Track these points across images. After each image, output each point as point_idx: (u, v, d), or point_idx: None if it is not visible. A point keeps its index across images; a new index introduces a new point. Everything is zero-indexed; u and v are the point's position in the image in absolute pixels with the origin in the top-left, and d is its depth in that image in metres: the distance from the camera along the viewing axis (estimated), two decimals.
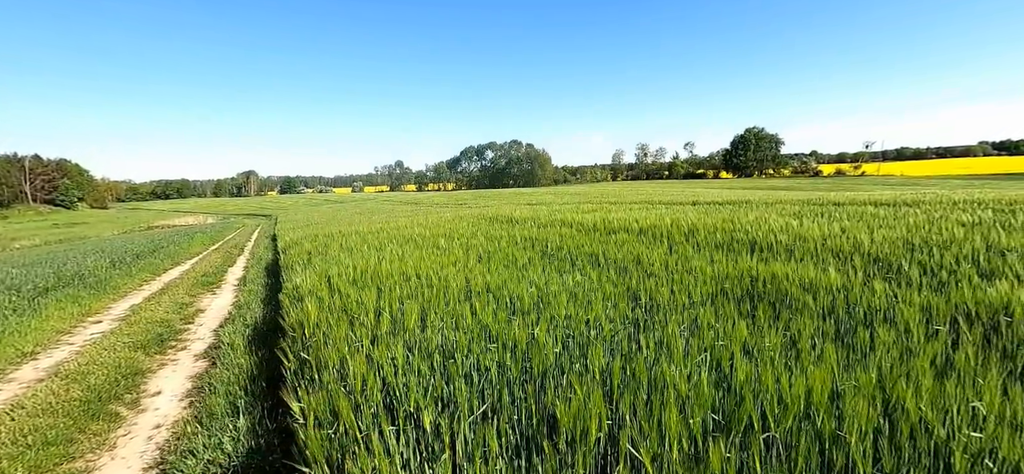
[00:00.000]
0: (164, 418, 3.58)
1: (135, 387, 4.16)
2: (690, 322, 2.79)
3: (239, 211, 55.82)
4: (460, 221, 10.82)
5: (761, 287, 3.45)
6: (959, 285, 3.07)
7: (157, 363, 4.80)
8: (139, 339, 5.47)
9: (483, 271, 4.34)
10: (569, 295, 3.34)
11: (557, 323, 2.75)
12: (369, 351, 2.44)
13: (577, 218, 9.33)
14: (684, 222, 6.90)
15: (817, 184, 55.51)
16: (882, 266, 3.92)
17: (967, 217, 5.62)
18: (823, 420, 1.57)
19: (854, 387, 1.71)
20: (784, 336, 2.43)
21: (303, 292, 4.00)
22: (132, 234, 28.27)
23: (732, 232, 5.86)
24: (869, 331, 2.43)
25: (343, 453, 1.70)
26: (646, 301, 3.28)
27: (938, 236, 4.55)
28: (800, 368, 1.97)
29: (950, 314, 2.64)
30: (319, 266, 5.23)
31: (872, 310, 2.82)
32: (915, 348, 2.17)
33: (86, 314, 6.83)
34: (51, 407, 3.68)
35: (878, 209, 8.24)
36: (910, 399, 1.57)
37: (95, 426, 3.44)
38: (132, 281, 9.50)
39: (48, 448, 3.09)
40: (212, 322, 6.31)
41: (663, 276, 3.87)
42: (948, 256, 3.73)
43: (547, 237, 6.65)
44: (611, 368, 2.02)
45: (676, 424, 1.55)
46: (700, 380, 1.80)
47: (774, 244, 5.01)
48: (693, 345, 2.26)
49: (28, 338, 5.45)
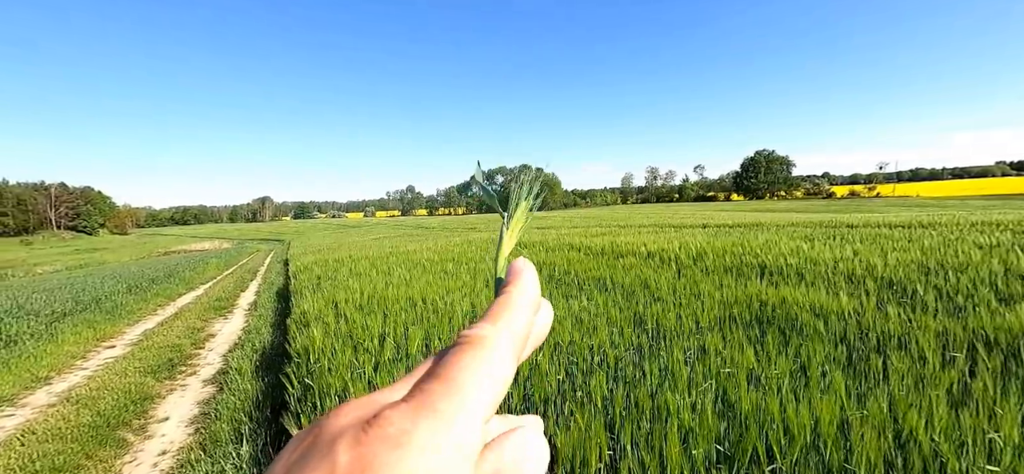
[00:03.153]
0: (170, 444, 3.58)
1: (143, 412, 4.19)
2: (696, 348, 2.74)
3: (254, 236, 56.87)
4: (469, 245, 10.87)
5: (770, 312, 3.39)
6: (977, 310, 2.98)
7: (166, 388, 4.84)
8: (150, 364, 5.53)
9: (490, 296, 4.33)
10: (574, 320, 3.32)
11: (561, 349, 2.72)
12: (371, 377, 2.44)
13: (585, 242, 9.31)
14: (693, 246, 6.85)
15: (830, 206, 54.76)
16: (896, 290, 3.83)
17: (984, 239, 5.48)
18: (831, 451, 1.51)
19: (863, 417, 1.66)
20: (794, 363, 2.37)
21: (310, 317, 4.03)
22: (149, 259, 28.91)
23: (742, 256, 5.79)
24: (882, 358, 2.36)
25: None
26: (652, 327, 3.24)
27: (954, 259, 4.44)
28: (808, 397, 1.92)
29: (968, 340, 2.55)
30: (327, 291, 5.27)
31: (886, 336, 2.74)
32: (930, 376, 2.10)
33: (101, 339, 6.95)
34: (61, 432, 3.72)
35: (892, 231, 8.09)
36: (922, 430, 1.51)
37: (102, 452, 3.46)
38: (147, 306, 9.67)
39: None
40: (222, 347, 6.37)
41: (670, 301, 3.83)
42: (965, 280, 3.63)
43: (554, 261, 6.64)
44: (614, 396, 1.98)
45: (678, 455, 1.51)
46: (704, 409, 1.76)
47: (784, 268, 4.93)
48: (698, 372, 2.21)
49: (43, 363, 5.54)
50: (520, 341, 0.22)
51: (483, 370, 0.19)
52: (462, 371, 0.19)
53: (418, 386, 0.19)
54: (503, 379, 0.20)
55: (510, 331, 0.22)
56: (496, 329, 0.21)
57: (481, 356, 0.20)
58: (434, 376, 0.19)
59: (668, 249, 6.82)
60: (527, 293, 0.24)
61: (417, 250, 10.21)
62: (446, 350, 0.21)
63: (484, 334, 0.21)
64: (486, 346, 0.20)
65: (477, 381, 0.19)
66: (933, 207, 32.76)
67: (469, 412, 0.18)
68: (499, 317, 0.22)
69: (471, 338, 0.21)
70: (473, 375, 0.19)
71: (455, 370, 0.19)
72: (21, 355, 5.68)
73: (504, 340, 0.21)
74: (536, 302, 0.24)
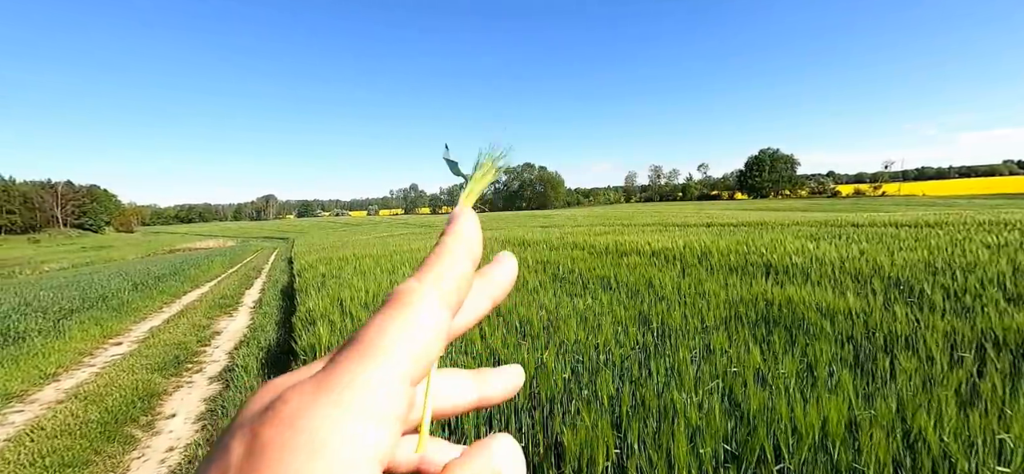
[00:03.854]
0: (177, 441, 3.61)
1: (151, 409, 4.22)
2: (702, 347, 2.73)
3: (258, 234, 57.13)
4: None
5: (776, 311, 3.38)
6: (985, 310, 2.96)
7: (173, 385, 4.88)
8: (156, 361, 5.58)
9: None
10: (579, 319, 3.32)
11: (566, 348, 2.73)
12: None
13: (589, 241, 9.30)
14: (697, 244, 6.83)
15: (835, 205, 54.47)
16: (903, 290, 3.81)
17: (992, 239, 5.44)
18: (840, 452, 1.51)
19: (872, 417, 1.65)
20: (800, 362, 2.37)
21: (315, 315, 4.05)
22: (155, 257, 29.09)
23: (746, 255, 5.77)
24: (889, 358, 2.35)
25: None
26: (657, 325, 3.23)
27: (962, 258, 4.41)
28: (816, 396, 1.91)
29: (976, 340, 2.54)
30: (332, 289, 5.30)
31: (893, 336, 2.73)
32: (938, 376, 2.09)
33: (107, 336, 7.01)
34: (69, 428, 3.75)
35: (899, 230, 8.04)
36: (932, 430, 1.50)
37: (110, 448, 3.49)
38: (153, 303, 9.74)
39: (64, 470, 3.15)
40: (227, 344, 6.41)
41: (675, 300, 3.82)
42: (973, 279, 3.61)
43: (558, 260, 6.64)
44: (620, 395, 1.98)
45: (686, 454, 1.51)
46: (711, 408, 1.76)
47: (790, 267, 4.91)
48: (705, 371, 2.21)
49: (51, 360, 5.60)
50: (453, 293, 0.20)
51: (404, 329, 0.18)
52: (378, 332, 0.18)
53: (332, 357, 0.18)
54: (428, 335, 0.19)
55: (439, 283, 0.20)
56: (422, 284, 0.20)
57: (403, 314, 0.18)
58: (349, 341, 0.18)
59: (672, 248, 6.81)
60: (463, 239, 0.22)
61: (421, 248, 10.23)
62: (376, 311, 0.20)
63: (408, 288, 0.19)
64: (408, 302, 0.19)
65: (395, 342, 0.18)
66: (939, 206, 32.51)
67: (384, 374, 0.17)
68: (428, 270, 0.20)
69: (394, 295, 0.19)
70: (391, 335, 0.18)
71: (370, 332, 0.18)
72: (29, 352, 5.74)
73: (431, 294, 0.19)
74: (474, 249, 0.22)
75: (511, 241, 11.17)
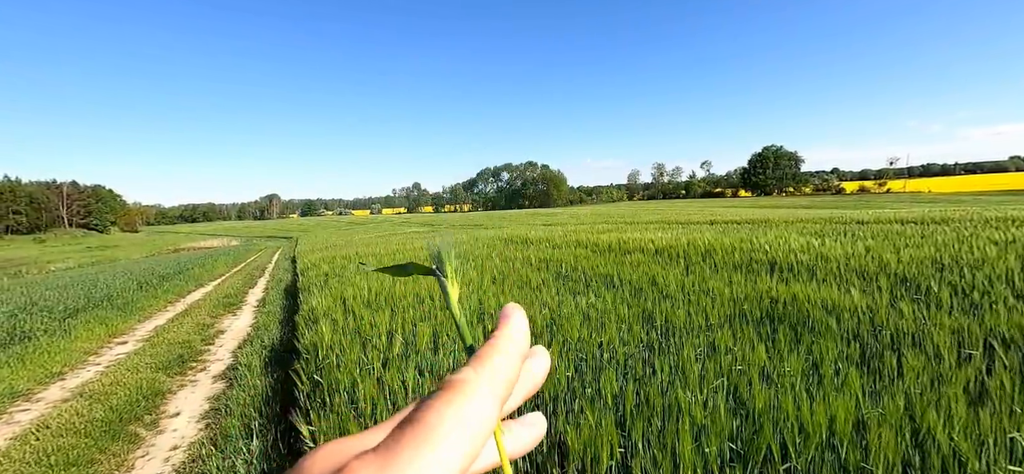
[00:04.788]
0: (181, 439, 3.62)
1: (155, 408, 4.24)
2: (707, 346, 2.71)
3: (262, 233, 57.32)
4: (475, 242, 10.88)
5: (781, 309, 3.35)
6: (993, 307, 2.92)
7: (177, 383, 4.90)
8: (161, 360, 5.60)
9: (496, 292, 4.33)
10: (582, 317, 3.30)
11: (570, 346, 2.71)
12: (380, 374, 2.44)
13: (592, 239, 9.27)
14: (701, 242, 6.79)
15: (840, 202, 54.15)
16: (910, 287, 3.77)
17: (1000, 235, 5.38)
18: (847, 451, 1.49)
19: (880, 416, 1.63)
20: (806, 360, 2.34)
21: (318, 314, 4.05)
22: (159, 257, 29.25)
23: (751, 252, 5.74)
24: (896, 355, 2.33)
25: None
26: (661, 324, 3.21)
27: (969, 255, 4.37)
28: (822, 395, 1.89)
29: (984, 338, 2.51)
30: (335, 288, 5.30)
31: (900, 333, 2.70)
32: (946, 374, 2.06)
33: (112, 335, 7.04)
34: (74, 427, 3.77)
35: (904, 227, 7.98)
36: (941, 429, 1.48)
37: (115, 447, 3.51)
38: (157, 302, 9.79)
39: (69, 468, 3.16)
40: (231, 343, 6.43)
41: (679, 298, 3.80)
42: (980, 276, 3.57)
43: (561, 258, 6.62)
44: (624, 393, 1.97)
45: (691, 453, 1.49)
46: (716, 407, 1.74)
47: (795, 264, 4.87)
48: (709, 370, 2.19)
49: (56, 359, 5.63)
50: (505, 388, 0.22)
51: (460, 417, 0.19)
52: (438, 417, 0.19)
53: (392, 433, 0.19)
54: (482, 427, 0.20)
55: (493, 377, 0.22)
56: (478, 375, 0.21)
57: (460, 402, 0.20)
58: (409, 422, 0.19)
59: (676, 245, 6.78)
60: (515, 338, 0.24)
61: (423, 248, 10.23)
62: (427, 395, 0.21)
63: (465, 379, 0.21)
64: (466, 392, 0.20)
65: (453, 428, 0.19)
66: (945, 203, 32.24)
67: (441, 461, 0.18)
68: (483, 363, 0.22)
69: (452, 383, 0.21)
70: (449, 422, 0.19)
71: (431, 415, 0.19)
72: (35, 351, 5.77)
73: (486, 386, 0.21)
74: (524, 347, 0.24)
75: (513, 240, 11.15)
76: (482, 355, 0.23)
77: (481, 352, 0.23)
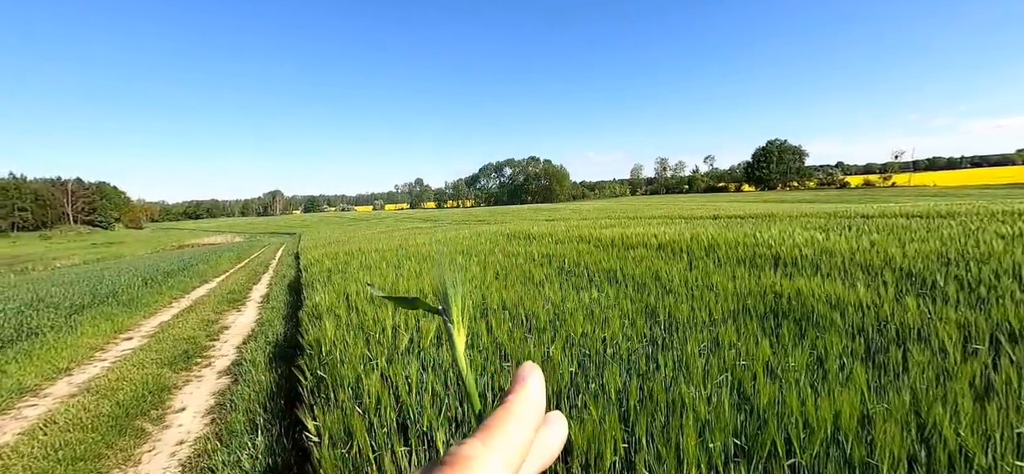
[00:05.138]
0: (187, 434, 3.65)
1: (161, 403, 4.27)
2: (710, 341, 2.71)
3: (265, 230, 57.52)
4: (478, 238, 10.88)
5: (785, 304, 3.34)
6: (1000, 301, 2.90)
7: (182, 379, 4.93)
8: (166, 355, 5.64)
9: (500, 287, 4.33)
10: (586, 312, 3.30)
11: (573, 341, 2.71)
12: (384, 369, 2.45)
13: (595, 233, 9.26)
14: (704, 237, 6.77)
15: (844, 196, 53.82)
16: (915, 281, 3.75)
17: (1007, 229, 5.34)
18: (853, 446, 1.49)
19: (886, 411, 1.62)
20: (810, 355, 2.33)
21: (322, 310, 4.06)
22: (164, 253, 29.41)
23: (755, 247, 5.71)
24: (901, 350, 2.31)
25: (356, 473, 1.70)
26: (665, 319, 3.21)
27: (975, 249, 4.33)
28: (827, 390, 1.88)
29: (991, 332, 2.49)
30: (338, 283, 5.31)
31: (905, 328, 2.69)
32: (952, 369, 2.05)
33: (118, 331, 7.09)
34: (81, 422, 3.81)
35: (910, 221, 7.91)
36: (947, 424, 1.47)
37: (122, 442, 3.54)
38: (163, 299, 9.84)
39: (77, 463, 3.19)
40: (236, 339, 6.46)
41: (682, 293, 3.79)
42: (986, 270, 3.54)
43: (564, 253, 6.61)
44: (628, 388, 1.97)
45: (695, 449, 1.49)
46: (720, 402, 1.74)
47: (799, 259, 4.85)
48: (713, 365, 2.19)
49: (63, 354, 5.68)
50: (516, 459, 0.20)
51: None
52: None
53: None
54: None
55: (503, 450, 0.20)
56: (487, 449, 0.19)
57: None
58: None
59: (679, 241, 6.75)
60: (529, 405, 0.22)
61: (426, 243, 10.24)
62: (429, 468, 0.19)
63: (472, 454, 0.19)
64: (472, 469, 0.19)
65: None
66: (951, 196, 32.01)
67: None
68: (492, 434, 0.20)
69: (456, 459, 0.19)
70: None
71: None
72: (42, 346, 5.82)
73: (494, 462, 0.19)
74: (539, 413, 0.22)
75: (516, 235, 11.14)
76: (492, 425, 0.20)
77: (491, 420, 0.21)
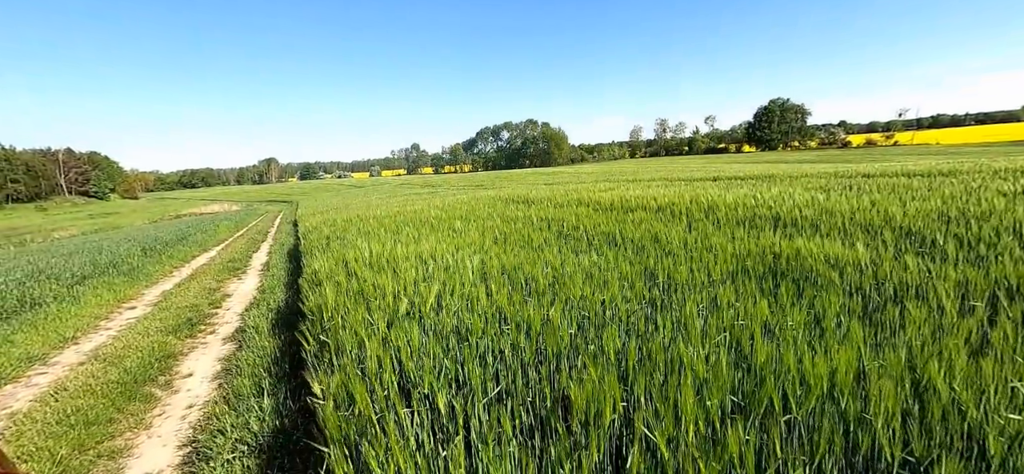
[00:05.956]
0: (196, 398, 3.73)
1: (168, 369, 4.35)
2: (709, 301, 2.72)
3: (261, 198, 57.16)
4: (477, 203, 10.82)
5: (784, 264, 3.34)
6: (999, 259, 2.90)
7: (188, 346, 5.00)
8: (170, 324, 5.70)
9: (499, 252, 4.33)
10: (585, 275, 3.31)
11: (572, 304, 2.72)
12: (385, 334, 2.47)
13: (594, 197, 9.20)
14: (704, 199, 6.73)
15: (846, 155, 53.33)
16: (915, 240, 3.75)
17: (1008, 186, 5.30)
18: (848, 402, 1.51)
19: (881, 367, 1.64)
20: (808, 315, 2.35)
21: (321, 277, 4.07)
22: (162, 223, 29.31)
23: (754, 208, 5.68)
24: (899, 308, 2.33)
25: (360, 434, 1.74)
26: (664, 280, 3.22)
27: (976, 207, 4.32)
28: (824, 348, 1.90)
29: (990, 290, 2.50)
30: (337, 251, 5.30)
31: (903, 286, 2.70)
32: (949, 326, 2.07)
33: (121, 300, 7.15)
34: (91, 389, 3.88)
35: (911, 180, 7.86)
36: (941, 380, 1.49)
37: (132, 406, 3.62)
38: (163, 268, 9.88)
39: (90, 427, 3.27)
40: (238, 306, 6.52)
41: (681, 254, 3.79)
42: (987, 228, 3.53)
43: (563, 217, 6.59)
44: (626, 349, 1.99)
45: (692, 407, 1.51)
46: (718, 361, 1.75)
47: (798, 219, 4.84)
48: (712, 325, 2.20)
49: (68, 324, 5.74)
50: None
51: None
52: None
53: None
54: None
55: None
56: None
57: None
58: None
59: (678, 203, 6.72)
60: None
61: (424, 209, 10.18)
62: None
63: None
64: None
65: None
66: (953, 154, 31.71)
67: None
68: None
69: None
70: None
71: None
72: (47, 317, 5.87)
73: None
74: None
75: (515, 199, 11.08)
76: None
77: None
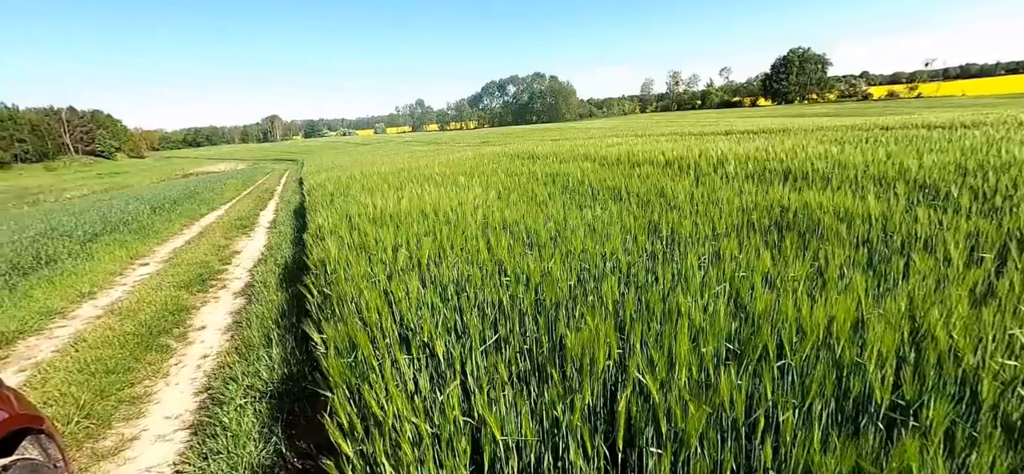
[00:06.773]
0: (209, 349, 3.87)
1: (182, 322, 4.49)
2: (711, 254, 2.70)
3: (266, 156, 56.99)
4: (481, 159, 10.68)
5: (791, 217, 3.29)
6: (1015, 210, 2.82)
7: (200, 300, 5.14)
8: (182, 279, 5.84)
9: (501, 207, 4.30)
10: (587, 229, 3.28)
11: (573, 257, 2.72)
12: (385, 286, 2.50)
13: (601, 152, 9.03)
14: (714, 153, 6.56)
15: (866, 108, 51.38)
16: (929, 192, 3.65)
17: None
18: (844, 348, 1.51)
19: (879, 315, 1.63)
20: (811, 267, 2.32)
21: (325, 231, 4.10)
22: (170, 182, 29.50)
23: (765, 162, 5.54)
24: (905, 260, 2.29)
25: (362, 378, 1.79)
26: (667, 234, 3.19)
27: (996, 159, 4.16)
28: (824, 298, 1.89)
29: (1001, 241, 2.44)
30: (340, 206, 5.31)
31: (911, 238, 2.65)
32: (954, 276, 2.03)
33: (134, 257, 7.31)
34: (109, 340, 4.03)
35: (931, 132, 7.58)
36: (941, 327, 1.48)
37: (150, 356, 3.77)
38: (173, 226, 10.02)
39: (110, 375, 3.42)
40: (247, 262, 6.64)
41: (687, 208, 3.73)
42: (1005, 180, 3.41)
43: (568, 172, 6.49)
44: (625, 300, 1.99)
45: (687, 353, 1.52)
46: (716, 311, 1.75)
47: (810, 173, 4.71)
48: (712, 277, 2.19)
49: (84, 280, 5.90)
50: None
51: None
52: None
53: None
54: None
55: None
56: None
57: None
58: None
59: (687, 157, 6.57)
60: None
61: (428, 165, 10.09)
62: None
63: None
64: None
65: None
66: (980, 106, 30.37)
67: None
68: None
69: None
70: None
71: None
72: (62, 273, 6.03)
73: None
74: None
75: (520, 155, 10.91)
76: None
77: None
